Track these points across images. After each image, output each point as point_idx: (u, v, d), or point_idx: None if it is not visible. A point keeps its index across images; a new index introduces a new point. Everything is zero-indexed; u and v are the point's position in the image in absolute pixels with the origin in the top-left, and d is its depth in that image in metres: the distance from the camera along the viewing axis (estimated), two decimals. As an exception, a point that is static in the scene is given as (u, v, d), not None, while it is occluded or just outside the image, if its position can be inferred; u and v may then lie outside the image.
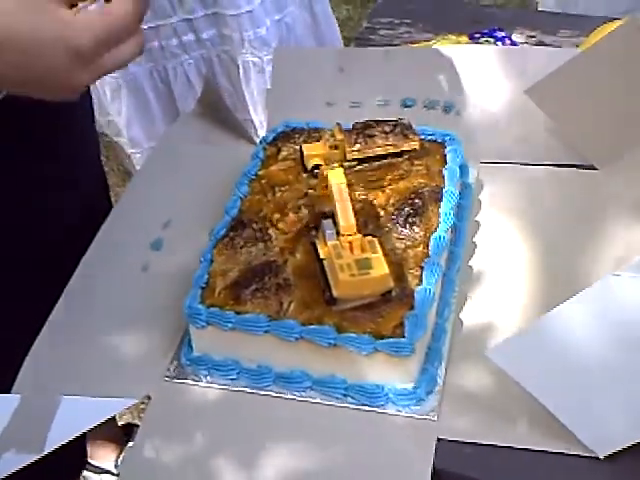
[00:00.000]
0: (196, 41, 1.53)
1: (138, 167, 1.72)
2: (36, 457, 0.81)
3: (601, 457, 0.80)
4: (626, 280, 0.80)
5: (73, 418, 0.85)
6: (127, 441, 1.73)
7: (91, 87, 1.52)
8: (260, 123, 1.34)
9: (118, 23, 0.68)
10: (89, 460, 1.76)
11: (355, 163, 1.04)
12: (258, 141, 1.15)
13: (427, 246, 0.93)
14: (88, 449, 1.71)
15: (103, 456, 1.76)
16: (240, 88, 1.56)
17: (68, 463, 1.38)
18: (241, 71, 1.53)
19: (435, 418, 0.85)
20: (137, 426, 0.92)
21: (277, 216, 0.99)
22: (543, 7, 2.18)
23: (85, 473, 1.76)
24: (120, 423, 1.80)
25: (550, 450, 0.81)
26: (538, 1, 2.29)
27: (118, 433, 1.73)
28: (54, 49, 0.67)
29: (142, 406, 0.92)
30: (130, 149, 1.70)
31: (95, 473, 1.77)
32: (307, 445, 0.84)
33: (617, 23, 1.20)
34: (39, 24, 0.66)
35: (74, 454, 1.42)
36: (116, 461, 1.76)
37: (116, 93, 1.58)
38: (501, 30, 1.44)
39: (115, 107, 1.61)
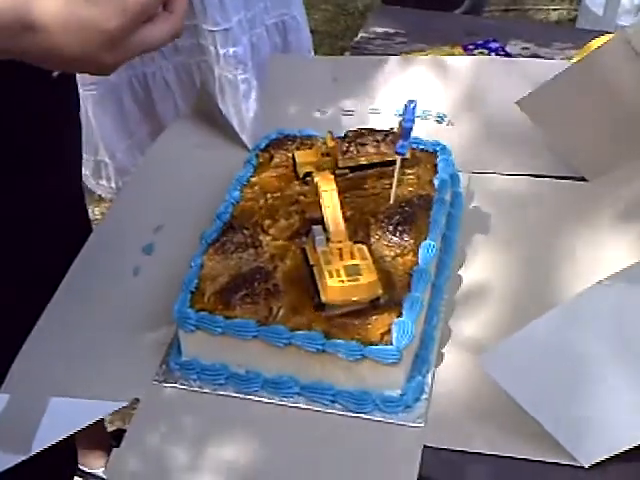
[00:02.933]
0: (174, 48, 1.53)
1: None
2: (23, 457, 0.81)
3: (586, 466, 0.80)
4: (613, 288, 0.80)
5: (61, 419, 0.85)
6: (117, 447, 1.72)
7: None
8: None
9: (149, 5, 0.69)
10: (79, 466, 1.75)
11: (346, 171, 1.05)
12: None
13: (416, 254, 0.93)
14: (79, 455, 1.71)
15: (93, 462, 1.76)
16: (216, 99, 1.56)
17: (59, 470, 1.38)
18: (217, 84, 1.53)
19: (422, 425, 0.85)
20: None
21: (268, 222, 0.99)
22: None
23: (75, 479, 1.75)
24: (110, 429, 1.80)
25: (536, 458, 0.81)
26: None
27: (108, 439, 1.73)
28: (85, 31, 0.67)
29: (133, 412, 0.92)
30: (108, 159, 1.69)
31: (85, 479, 1.76)
32: (294, 450, 0.84)
33: (609, 36, 1.21)
34: (71, 6, 0.66)
35: (65, 460, 1.42)
36: (105, 467, 1.75)
37: (99, 105, 1.58)
38: (495, 41, 1.45)
39: (98, 116, 1.60)
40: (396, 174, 0.98)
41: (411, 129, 0.94)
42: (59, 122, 1.16)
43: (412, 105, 0.93)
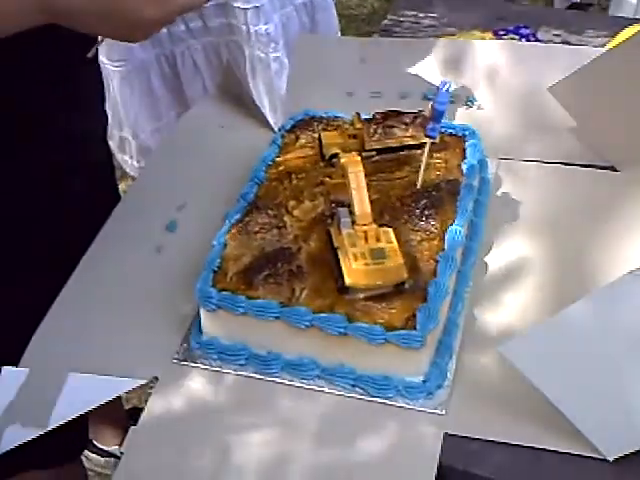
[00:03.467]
0: (203, 28, 1.51)
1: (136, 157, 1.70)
2: (40, 432, 0.81)
3: (610, 460, 0.79)
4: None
5: (80, 395, 0.85)
6: (133, 425, 1.72)
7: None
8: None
9: None
10: (95, 442, 1.76)
11: (373, 153, 1.03)
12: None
13: (443, 239, 0.92)
14: (94, 431, 1.71)
15: (109, 439, 1.76)
16: (246, 78, 1.55)
17: (69, 442, 1.38)
18: (248, 64, 1.52)
19: (443, 412, 0.84)
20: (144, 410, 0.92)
21: (293, 203, 0.98)
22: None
23: (91, 455, 1.76)
24: (127, 407, 1.80)
25: (558, 449, 0.80)
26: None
27: (124, 417, 1.73)
28: None
29: (149, 391, 0.91)
30: (132, 138, 1.68)
31: (101, 456, 1.77)
32: (312, 435, 0.83)
33: (644, 24, 1.19)
34: None
35: (77, 434, 1.42)
36: (121, 444, 1.75)
37: (125, 81, 1.57)
38: (526, 28, 1.43)
39: (125, 93, 1.59)
40: (425, 157, 0.96)
41: (444, 111, 0.92)
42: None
43: (445, 87, 0.90)
